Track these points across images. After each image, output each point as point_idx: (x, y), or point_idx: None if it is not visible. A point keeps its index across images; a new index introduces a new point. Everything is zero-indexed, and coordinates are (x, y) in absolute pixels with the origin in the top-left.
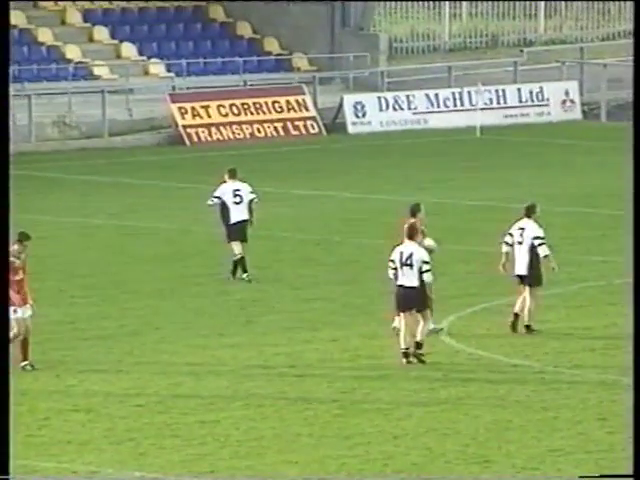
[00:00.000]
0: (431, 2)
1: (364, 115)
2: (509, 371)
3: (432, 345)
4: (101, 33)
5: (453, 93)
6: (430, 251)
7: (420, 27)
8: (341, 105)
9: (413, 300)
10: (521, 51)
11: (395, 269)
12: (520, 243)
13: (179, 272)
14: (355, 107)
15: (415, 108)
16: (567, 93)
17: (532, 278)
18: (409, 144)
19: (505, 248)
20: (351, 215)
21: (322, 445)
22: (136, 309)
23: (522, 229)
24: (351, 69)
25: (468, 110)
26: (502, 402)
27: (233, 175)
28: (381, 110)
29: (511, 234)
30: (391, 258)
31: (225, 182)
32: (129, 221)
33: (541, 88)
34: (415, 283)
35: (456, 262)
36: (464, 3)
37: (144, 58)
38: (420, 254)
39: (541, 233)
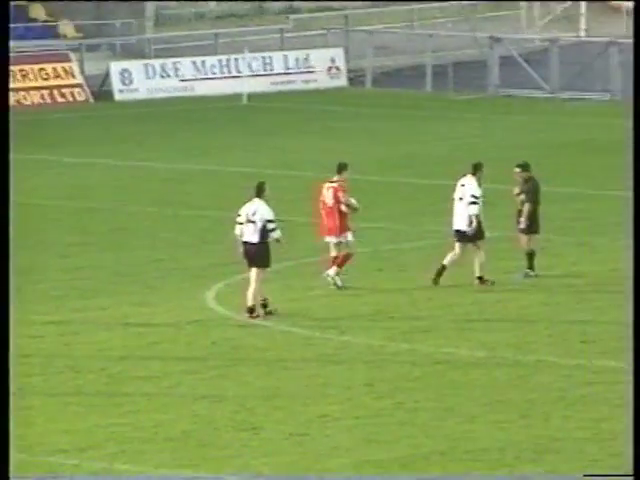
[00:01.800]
0: None
1: (131, 82)
2: (278, 338)
3: (201, 313)
4: None
5: (220, 60)
6: (355, 209)
7: None
8: (108, 72)
9: (255, 256)
10: (287, 18)
11: (242, 224)
12: (461, 199)
13: None
14: (122, 74)
15: (182, 75)
16: (333, 60)
17: (475, 233)
18: (176, 111)
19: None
20: (119, 182)
21: (91, 413)
22: None
23: (463, 185)
24: (118, 36)
25: (235, 77)
26: (271, 369)
27: None
28: (148, 77)
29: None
30: (239, 213)
31: None
32: None
33: (307, 55)
34: (256, 239)
35: (226, 229)
36: None
37: None
38: (263, 213)
39: (478, 192)
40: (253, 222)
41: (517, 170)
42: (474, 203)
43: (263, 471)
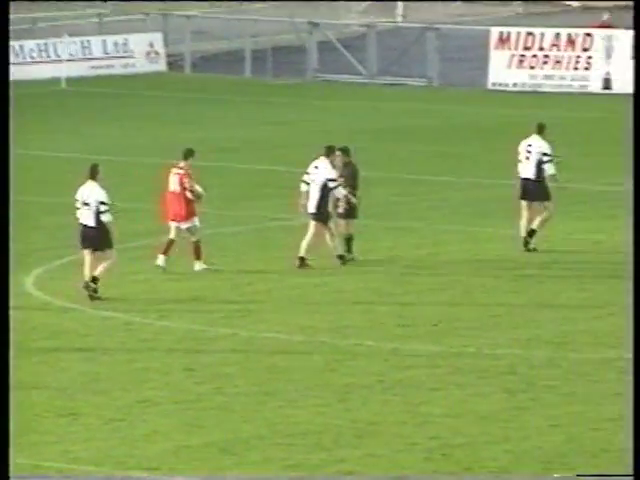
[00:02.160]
0: None
1: None
2: (98, 324)
3: (21, 299)
4: None
5: (38, 44)
6: (199, 196)
7: None
8: None
9: (91, 239)
10: (105, 2)
11: (79, 208)
12: (313, 181)
13: None
14: None
15: None
16: (151, 45)
17: (321, 215)
18: None
19: (304, 187)
20: None
21: None
22: None
23: (317, 168)
24: None
25: (54, 61)
26: (90, 354)
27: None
28: None
29: (308, 173)
30: (76, 197)
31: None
32: None
33: (126, 40)
34: (92, 222)
35: (45, 214)
36: None
37: None
38: (97, 195)
39: (334, 175)
40: (87, 204)
41: (337, 154)
42: (335, 187)
43: (82, 456)
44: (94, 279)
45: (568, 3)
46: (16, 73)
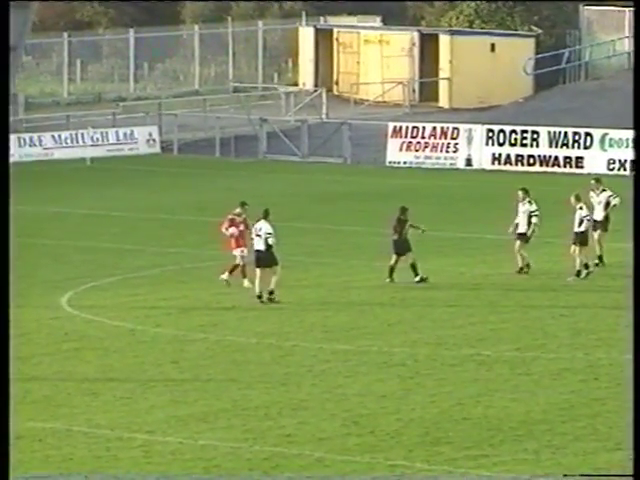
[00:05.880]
0: (54, 69)
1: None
2: (111, 330)
3: (57, 312)
4: None
5: (71, 134)
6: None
7: (47, 87)
8: None
9: (263, 260)
10: (117, 105)
11: (253, 238)
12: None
13: None
14: None
15: (44, 145)
16: (150, 134)
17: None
18: (41, 170)
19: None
20: None
21: None
22: None
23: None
24: None
25: (81, 146)
26: (106, 352)
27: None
28: (20, 146)
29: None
30: (252, 230)
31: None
32: None
33: (132, 131)
34: (262, 247)
35: (75, 253)
36: (77, 70)
37: None
38: (266, 228)
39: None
40: (259, 235)
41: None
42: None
43: (101, 423)
44: (271, 292)
45: (440, 105)
46: (55, 154)
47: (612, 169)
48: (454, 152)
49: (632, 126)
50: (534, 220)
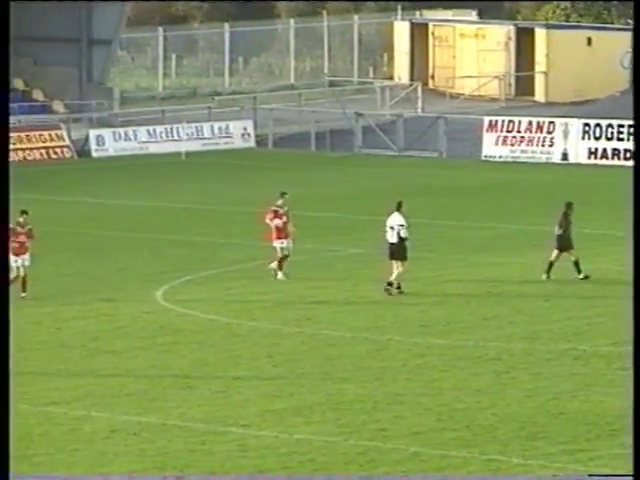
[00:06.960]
0: (149, 63)
1: (104, 144)
2: (206, 324)
3: (152, 306)
4: None
5: (166, 128)
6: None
7: (142, 82)
8: (87, 137)
9: (394, 252)
10: (213, 99)
11: (387, 231)
12: (392, 228)
13: None
14: (97, 138)
15: (139, 139)
16: (245, 128)
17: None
18: (136, 164)
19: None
20: (94, 214)
21: (74, 376)
22: None
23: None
24: (94, 111)
25: (176, 140)
26: (201, 346)
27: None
28: (115, 140)
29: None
30: (386, 224)
31: None
32: None
33: (227, 125)
34: (395, 240)
35: (169, 247)
36: (172, 65)
37: None
38: (398, 221)
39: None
40: (392, 228)
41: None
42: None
43: (196, 417)
44: (389, 283)
45: (536, 99)
46: (151, 148)
47: None
48: (550, 146)
49: None
50: None
